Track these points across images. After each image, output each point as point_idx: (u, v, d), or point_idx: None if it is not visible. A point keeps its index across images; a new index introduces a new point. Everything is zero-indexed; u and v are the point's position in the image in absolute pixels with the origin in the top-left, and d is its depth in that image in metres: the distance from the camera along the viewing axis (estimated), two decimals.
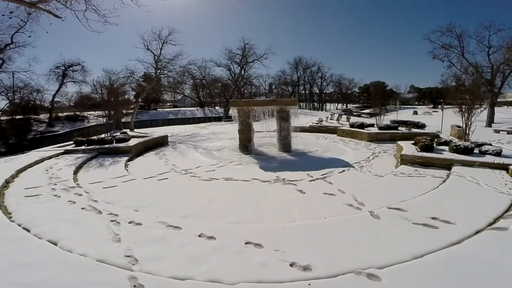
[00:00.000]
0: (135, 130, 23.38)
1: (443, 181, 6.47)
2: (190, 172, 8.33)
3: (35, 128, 28.63)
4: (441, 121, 15.89)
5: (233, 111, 11.22)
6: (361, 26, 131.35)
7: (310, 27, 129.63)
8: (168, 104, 64.58)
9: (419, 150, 8.34)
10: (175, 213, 5.05)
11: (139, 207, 5.47)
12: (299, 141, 12.55)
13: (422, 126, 14.76)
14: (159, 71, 27.92)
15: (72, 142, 12.56)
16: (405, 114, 38.15)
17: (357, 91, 74.23)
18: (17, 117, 27.26)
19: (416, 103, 68.97)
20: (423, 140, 8.38)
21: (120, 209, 5.36)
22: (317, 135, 16.26)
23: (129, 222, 4.65)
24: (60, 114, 33.13)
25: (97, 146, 11.58)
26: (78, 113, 34.13)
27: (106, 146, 11.60)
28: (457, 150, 7.87)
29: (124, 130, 18.17)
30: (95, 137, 12.62)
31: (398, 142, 9.96)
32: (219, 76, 49.98)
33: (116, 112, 29.66)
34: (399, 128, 14.02)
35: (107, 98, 18.17)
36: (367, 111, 58.53)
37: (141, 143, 12.48)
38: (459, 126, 14.75)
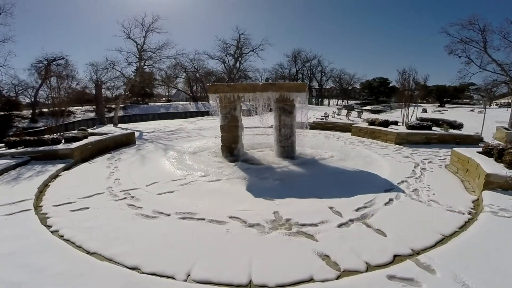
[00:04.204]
0: (120, 125, 21.80)
1: None
2: (132, 196, 5.02)
3: (16, 125, 26.79)
4: (483, 121, 12.66)
5: (213, 100, 7.87)
6: (364, 20, 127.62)
7: (310, 19, 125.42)
8: (163, 99, 61.50)
9: (507, 165, 5.10)
10: None
11: None
12: (303, 141, 9.25)
13: (459, 126, 11.56)
14: (143, 62, 24.85)
15: (3, 143, 9.28)
16: (414, 112, 35.08)
17: (358, 87, 70.92)
18: None
19: (419, 101, 66.03)
20: None
21: None
22: (325, 133, 12.98)
23: None
24: (45, 110, 31.09)
25: (29, 149, 8.34)
26: (63, 108, 31.82)
27: (40, 149, 8.33)
28: None
29: (82, 126, 14.81)
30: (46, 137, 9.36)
31: (455, 149, 6.71)
32: (213, 69, 46.64)
33: (99, 106, 27.02)
34: (433, 128, 10.82)
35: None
36: (368, 107, 55.33)
37: (92, 143, 9.15)
38: (507, 128, 11.63)
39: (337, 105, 57.91)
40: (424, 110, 37.41)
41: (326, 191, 4.91)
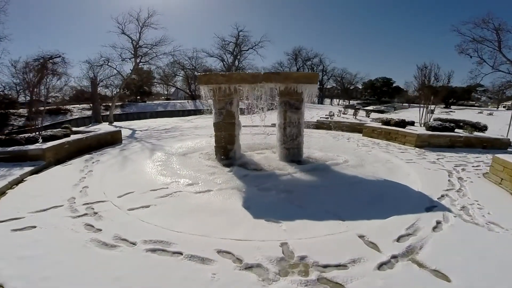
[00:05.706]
0: (115, 123, 21.28)
1: None
2: (95, 212, 3.85)
3: (12, 123, 26.16)
4: (509, 124, 11.52)
5: (205, 94, 6.68)
6: (367, 19, 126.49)
7: (311, 18, 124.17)
8: (162, 97, 60.50)
9: None
10: None
11: None
12: (309, 142, 8.08)
13: (483, 128, 10.44)
14: (139, 58, 23.79)
15: None
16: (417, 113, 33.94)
17: (360, 87, 69.67)
18: None
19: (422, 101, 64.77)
20: None
21: None
22: (332, 133, 11.81)
23: None
24: (41, 108, 30.51)
25: None
26: (61, 106, 31.18)
27: (9, 149, 7.18)
28: None
29: (66, 125, 13.74)
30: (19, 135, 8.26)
31: (498, 156, 5.53)
32: (211, 67, 45.57)
33: (95, 104, 26.11)
34: (456, 130, 9.64)
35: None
36: (370, 107, 54.06)
37: (70, 143, 7.99)
38: None
39: (338, 104, 56.67)
40: (431, 111, 36.40)
41: (348, 209, 3.74)
